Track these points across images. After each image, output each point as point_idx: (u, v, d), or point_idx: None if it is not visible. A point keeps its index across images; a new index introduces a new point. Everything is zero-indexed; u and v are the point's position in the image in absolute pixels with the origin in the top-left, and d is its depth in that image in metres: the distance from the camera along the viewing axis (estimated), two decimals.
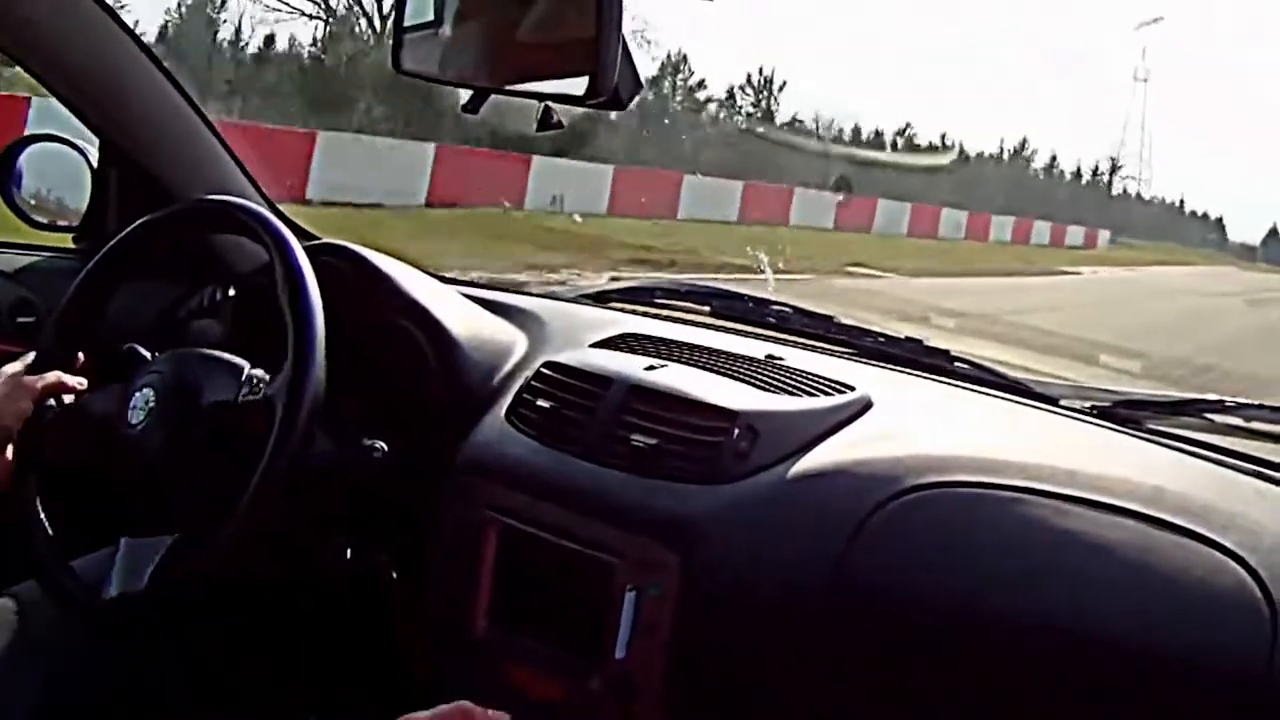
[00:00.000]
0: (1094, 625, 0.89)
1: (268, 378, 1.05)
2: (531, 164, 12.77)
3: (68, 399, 1.12)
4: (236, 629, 1.28)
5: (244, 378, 1.06)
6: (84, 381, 1.13)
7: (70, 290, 1.16)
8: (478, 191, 11.37)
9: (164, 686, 1.20)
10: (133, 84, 1.37)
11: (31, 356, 1.15)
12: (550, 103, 0.97)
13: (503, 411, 1.15)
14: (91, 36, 1.30)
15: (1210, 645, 0.86)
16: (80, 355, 1.16)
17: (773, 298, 1.44)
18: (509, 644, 1.07)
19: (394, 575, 1.23)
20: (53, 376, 1.12)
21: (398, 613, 1.23)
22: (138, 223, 1.17)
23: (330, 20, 18.07)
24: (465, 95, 1.01)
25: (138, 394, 1.06)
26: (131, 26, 1.34)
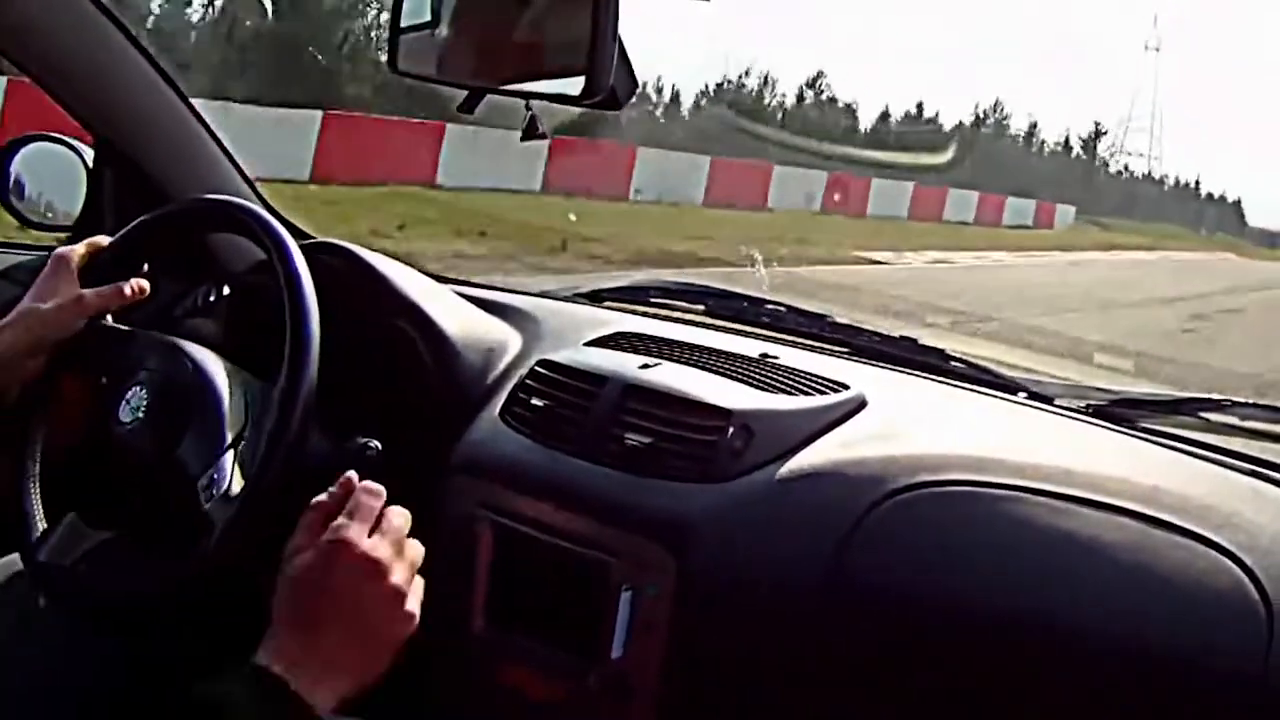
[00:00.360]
0: (1090, 624, 0.89)
1: (225, 485, 0.99)
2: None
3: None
4: (232, 628, 1.28)
5: (219, 457, 1.00)
6: (145, 286, 1.09)
7: None
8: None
9: (159, 683, 1.19)
10: (128, 83, 1.36)
11: (105, 241, 1.10)
12: (547, 102, 0.97)
13: (497, 410, 1.15)
14: (86, 36, 1.30)
15: (1206, 644, 0.86)
16: (145, 265, 1.11)
17: (768, 297, 1.44)
18: (505, 643, 1.07)
19: None
20: (110, 292, 1.06)
21: None
22: (135, 223, 1.16)
23: None
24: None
25: (130, 391, 1.05)
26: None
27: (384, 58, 1.12)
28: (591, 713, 1.03)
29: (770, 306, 1.41)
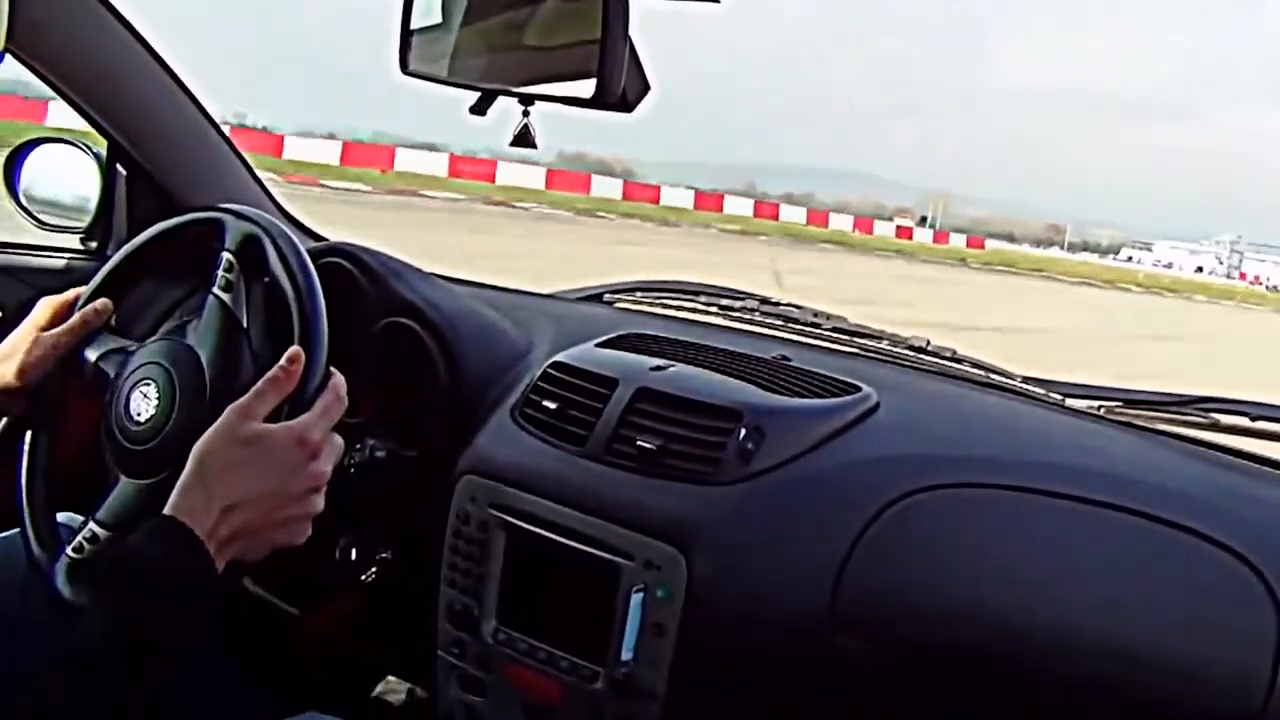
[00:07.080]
0: (1100, 626, 0.89)
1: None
2: None
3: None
4: (238, 628, 1.29)
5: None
6: (106, 306, 1.05)
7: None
8: None
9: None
10: (141, 86, 1.37)
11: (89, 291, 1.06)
12: (558, 104, 0.97)
13: (509, 412, 1.15)
14: (100, 39, 1.31)
15: (1216, 644, 0.87)
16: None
17: (781, 298, 1.45)
18: (515, 645, 1.07)
19: (400, 576, 1.23)
20: (74, 326, 1.03)
21: (404, 613, 1.24)
22: (146, 234, 1.14)
23: None
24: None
25: (137, 389, 1.03)
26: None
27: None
28: (600, 714, 1.03)
29: (783, 308, 1.41)
